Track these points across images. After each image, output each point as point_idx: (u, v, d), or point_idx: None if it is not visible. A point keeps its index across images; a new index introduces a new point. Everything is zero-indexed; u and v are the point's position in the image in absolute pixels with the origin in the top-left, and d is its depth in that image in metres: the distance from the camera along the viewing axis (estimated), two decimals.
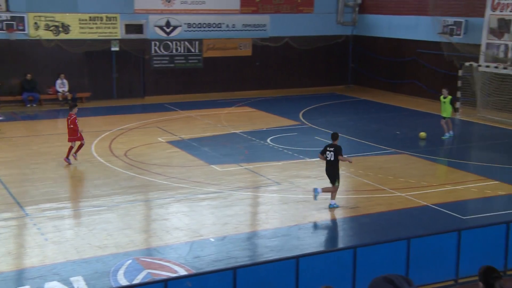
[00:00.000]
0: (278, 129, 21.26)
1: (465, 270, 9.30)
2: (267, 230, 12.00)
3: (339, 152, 12.79)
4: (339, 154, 12.76)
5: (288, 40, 29.98)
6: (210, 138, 19.90)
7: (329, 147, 12.95)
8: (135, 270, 10.05)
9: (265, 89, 29.80)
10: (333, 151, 12.81)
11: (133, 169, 16.17)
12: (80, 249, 10.91)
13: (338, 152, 12.75)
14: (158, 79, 28.15)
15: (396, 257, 9.09)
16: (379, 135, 20.24)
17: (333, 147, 12.87)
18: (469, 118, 23.27)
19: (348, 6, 30.97)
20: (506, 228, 9.72)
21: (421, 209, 13.13)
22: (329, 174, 13.00)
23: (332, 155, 12.80)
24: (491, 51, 23.97)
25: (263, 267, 8.53)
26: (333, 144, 12.96)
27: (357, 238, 11.62)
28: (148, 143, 19.12)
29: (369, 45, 30.76)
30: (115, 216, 12.70)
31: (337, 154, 12.74)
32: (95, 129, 21.07)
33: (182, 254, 10.74)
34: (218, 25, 28.76)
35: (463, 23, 25.15)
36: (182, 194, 14.10)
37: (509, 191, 14.36)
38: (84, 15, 26.17)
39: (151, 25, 27.46)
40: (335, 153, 12.77)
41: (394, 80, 29.41)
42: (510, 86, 22.56)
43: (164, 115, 23.90)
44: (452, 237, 9.43)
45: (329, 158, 12.86)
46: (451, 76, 25.34)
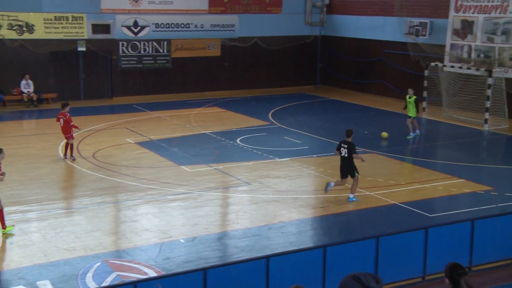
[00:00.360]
0: (247, 129, 21.28)
1: (432, 267, 9.46)
2: (237, 231, 12.00)
3: (353, 150, 13.42)
4: (353, 152, 13.39)
5: (257, 40, 30.04)
6: (179, 138, 19.80)
7: (343, 143, 13.53)
8: (104, 272, 9.93)
9: (234, 89, 29.80)
10: (347, 148, 13.39)
11: (102, 170, 15.98)
12: (47, 252, 10.73)
13: (352, 150, 13.38)
14: (126, 79, 27.88)
15: (365, 256, 9.18)
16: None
17: (347, 144, 13.45)
18: (435, 118, 23.68)
19: (316, 7, 31.19)
20: (471, 225, 9.92)
21: (389, 207, 13.31)
22: (345, 169, 13.57)
23: (346, 152, 13.41)
24: (455, 51, 24.44)
25: (233, 267, 8.52)
26: (347, 141, 13.51)
27: (327, 237, 11.71)
28: (116, 144, 18.92)
29: (337, 45, 31.03)
30: (83, 218, 12.53)
31: (351, 151, 13.36)
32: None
33: (151, 255, 10.66)
34: (186, 25, 28.63)
35: (428, 24, 25.58)
36: (152, 195, 14.00)
37: (474, 189, 14.67)
38: (49, 15, 25.74)
39: (118, 25, 27.18)
40: (348, 150, 13.37)
41: (362, 80, 29.74)
42: (474, 86, 23.04)
43: (132, 116, 23.68)
44: (420, 235, 9.58)
45: (343, 155, 13.49)
46: (418, 76, 25.75)
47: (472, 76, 23.16)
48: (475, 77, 22.98)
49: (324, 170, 16.10)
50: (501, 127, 21.78)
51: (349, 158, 13.45)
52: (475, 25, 23.63)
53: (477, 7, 23.56)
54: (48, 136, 19.98)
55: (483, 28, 23.39)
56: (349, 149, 13.38)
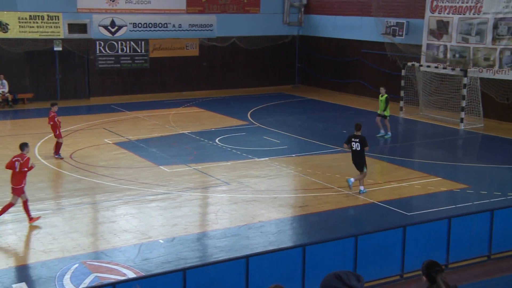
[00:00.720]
0: (226, 129, 21.27)
1: (410, 265, 9.56)
2: (216, 231, 11.98)
3: (366, 144, 13.88)
4: (365, 145, 13.85)
5: (235, 40, 30.03)
6: (158, 139, 19.70)
7: (354, 138, 13.91)
8: (82, 274, 9.84)
9: (212, 89, 29.76)
10: (359, 142, 13.83)
11: (79, 171, 15.82)
12: (24, 254, 10.59)
13: (364, 144, 13.84)
14: (103, 79, 27.64)
15: (344, 254, 9.25)
16: (326, 134, 20.54)
17: (358, 138, 13.90)
18: (412, 117, 23.93)
19: (294, 7, 31.29)
20: (448, 223, 10.05)
21: (368, 206, 13.41)
22: (357, 162, 13.97)
23: (358, 146, 13.83)
24: (431, 51, 24.74)
25: (213, 267, 8.51)
26: (358, 135, 13.95)
27: (306, 236, 11.75)
28: (94, 144, 18.76)
29: (315, 45, 31.17)
30: (60, 219, 12.39)
31: (363, 145, 13.80)
32: (39, 131, 20.52)
33: (130, 256, 10.59)
34: (164, 25, 28.49)
35: (404, 24, 25.83)
36: (130, 196, 13.91)
37: (451, 187, 14.86)
38: (23, 14, 25.41)
39: (95, 24, 26.94)
40: (361, 144, 13.80)
41: (339, 79, 29.91)
42: (449, 85, 23.34)
43: (110, 116, 23.50)
44: (398, 233, 9.68)
45: (355, 148, 13.88)
46: (395, 76, 26.00)
47: (447, 76, 23.47)
48: (451, 77, 23.29)
49: (303, 170, 16.16)
50: (476, 126, 22.10)
51: (361, 152, 13.87)
52: (450, 26, 23.95)
53: (452, 8, 23.88)
54: (24, 137, 19.68)
55: (458, 29, 23.71)
56: (361, 143, 13.83)
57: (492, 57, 22.61)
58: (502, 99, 22.46)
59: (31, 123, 22.45)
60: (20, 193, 11.92)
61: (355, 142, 13.88)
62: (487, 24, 22.67)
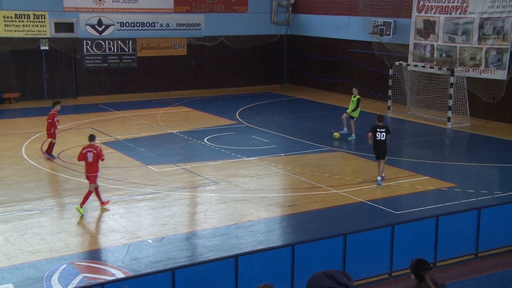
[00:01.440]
0: (215, 128, 21.24)
1: (398, 264, 9.61)
2: (205, 230, 11.97)
3: (390, 132, 14.91)
4: (389, 133, 14.87)
5: (223, 39, 30.00)
6: (146, 138, 19.63)
7: (379, 128, 14.74)
8: (70, 274, 9.79)
9: (201, 89, 29.71)
10: (385, 132, 14.67)
11: (67, 171, 15.73)
12: (11, 255, 10.52)
13: (389, 131, 14.85)
14: (91, 79, 27.50)
15: (333, 253, 9.28)
16: (314, 133, 20.59)
17: (384, 128, 14.78)
18: (400, 116, 24.05)
19: (282, 6, 31.32)
20: (435, 221, 10.12)
21: (357, 205, 13.47)
22: (382, 151, 14.73)
23: (384, 135, 14.64)
24: (418, 51, 24.89)
25: (202, 267, 8.50)
26: (383, 125, 14.90)
27: (295, 236, 11.77)
28: (82, 144, 18.56)
29: (303, 45, 31.23)
30: (48, 219, 12.32)
31: (388, 133, 14.76)
32: (25, 130, 20.38)
33: (119, 256, 10.55)
34: (152, 24, 28.40)
35: (392, 23, 25.95)
36: (119, 196, 13.85)
37: (438, 186, 14.96)
38: (9, 12, 25.20)
39: (82, 23, 26.78)
40: (386, 133, 14.68)
41: (328, 79, 29.99)
42: (436, 84, 23.49)
43: (98, 115, 23.38)
44: (386, 232, 9.72)
45: (380, 138, 14.66)
46: (383, 75, 26.13)
47: (435, 75, 23.62)
48: (438, 76, 23.44)
49: (291, 169, 16.19)
50: (463, 125, 22.27)
51: (385, 141, 14.68)
52: (437, 25, 24.11)
53: (438, 8, 24.04)
54: (11, 137, 19.58)
55: (444, 28, 23.88)
56: (387, 132, 14.71)
57: (478, 57, 22.79)
58: (488, 98, 22.65)
59: (18, 122, 22.28)
60: (95, 180, 12.69)
61: (380, 132, 14.69)
62: (473, 23, 22.85)
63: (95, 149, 12.66)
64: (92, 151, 12.63)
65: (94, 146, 12.74)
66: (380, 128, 14.78)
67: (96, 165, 12.68)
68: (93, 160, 12.62)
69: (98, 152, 12.63)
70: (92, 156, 12.60)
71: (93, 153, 12.61)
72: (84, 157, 12.67)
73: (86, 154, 12.64)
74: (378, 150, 14.81)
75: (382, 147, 14.76)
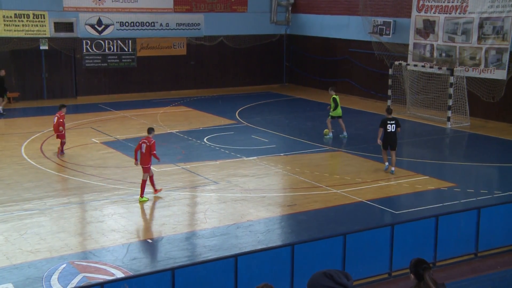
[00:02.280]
0: (214, 128, 21.24)
1: (398, 263, 9.61)
2: (205, 230, 11.97)
3: (399, 124, 15.78)
4: (399, 125, 15.73)
5: (223, 39, 30.00)
6: None
7: (389, 120, 15.56)
8: (70, 274, 9.79)
9: (200, 88, 29.70)
10: (395, 124, 15.54)
11: (67, 171, 15.73)
12: (10, 255, 10.52)
13: (399, 124, 15.72)
14: (90, 78, 27.49)
15: (333, 253, 9.28)
16: (314, 133, 20.58)
17: (394, 120, 15.63)
18: (400, 116, 23.96)
19: (281, 6, 31.32)
20: (435, 221, 10.12)
21: (356, 205, 13.47)
22: (393, 141, 15.56)
23: (394, 127, 15.51)
24: (418, 50, 24.89)
25: (201, 266, 8.50)
26: (392, 117, 15.70)
27: (295, 235, 11.77)
28: (82, 144, 18.65)
29: (303, 44, 31.23)
30: (48, 219, 12.31)
31: (398, 125, 15.61)
32: (25, 130, 20.38)
33: (119, 256, 10.55)
34: (151, 24, 28.40)
35: (391, 23, 25.95)
36: (118, 196, 13.85)
37: (438, 185, 14.96)
38: (8, 12, 25.18)
39: (81, 23, 26.77)
40: (396, 125, 15.55)
41: (327, 78, 29.97)
42: (436, 84, 23.49)
43: (97, 115, 23.38)
44: (386, 232, 9.73)
45: (390, 130, 15.48)
46: (382, 75, 26.13)
47: (434, 75, 23.61)
48: (438, 76, 23.44)
49: (291, 169, 16.18)
50: (463, 124, 22.27)
51: (395, 132, 15.52)
52: (437, 25, 24.11)
53: (438, 7, 24.04)
54: (10, 136, 19.58)
55: (444, 28, 23.88)
56: (397, 124, 15.58)
57: (478, 56, 22.79)
58: (488, 98, 22.65)
59: (18, 122, 22.28)
60: (148, 171, 13.27)
61: (390, 124, 15.52)
62: (472, 23, 22.85)
63: (149, 142, 13.19)
64: (146, 143, 13.20)
65: (149, 139, 13.27)
66: (390, 120, 15.58)
67: (148, 156, 13.20)
68: (146, 151, 13.16)
69: (151, 145, 13.14)
70: (145, 147, 13.16)
71: (147, 145, 13.16)
72: (139, 147, 13.34)
73: (140, 145, 13.30)
74: (390, 141, 15.58)
75: (393, 138, 15.57)
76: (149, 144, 13.18)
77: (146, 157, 13.23)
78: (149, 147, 13.15)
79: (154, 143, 13.31)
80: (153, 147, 13.20)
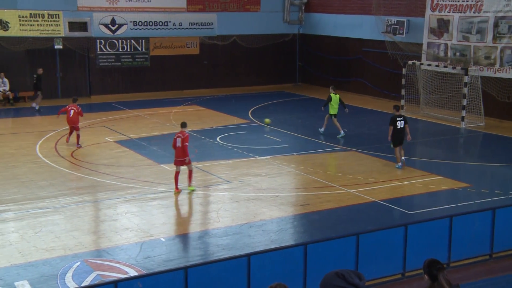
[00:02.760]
0: (227, 127, 21.27)
1: (412, 264, 9.55)
2: (218, 229, 11.99)
3: (407, 121, 16.35)
4: (407, 122, 16.27)
5: (235, 38, 30.02)
6: (159, 137, 19.70)
7: (398, 117, 16.13)
8: (84, 272, 9.85)
9: (213, 88, 29.75)
10: (404, 120, 16.12)
11: (81, 169, 15.83)
12: (26, 252, 10.61)
13: (407, 121, 16.29)
14: (104, 78, 27.65)
15: (346, 253, 9.24)
16: (327, 133, 20.52)
17: (402, 117, 16.26)
18: (413, 115, 23.91)
19: (294, 5, 31.28)
20: (449, 221, 10.05)
21: (369, 205, 13.41)
22: (401, 138, 16.10)
23: (403, 123, 16.08)
24: (432, 50, 24.73)
25: (214, 265, 8.51)
26: (400, 114, 16.39)
27: (308, 235, 11.75)
28: (95, 143, 18.76)
29: (316, 44, 31.16)
30: (62, 217, 12.41)
31: (406, 121, 16.21)
32: (39, 129, 20.55)
33: (132, 254, 10.60)
34: (164, 23, 28.49)
35: (405, 22, 25.81)
36: (132, 194, 13.92)
37: (452, 185, 14.86)
38: (24, 12, 25.40)
39: (95, 23, 26.93)
40: (405, 122, 16.13)
41: (340, 78, 29.89)
42: (450, 84, 23.33)
43: (111, 114, 23.50)
44: (399, 232, 9.67)
45: (400, 126, 16.05)
46: (396, 74, 25.99)
47: (448, 74, 23.45)
48: (452, 75, 23.27)
49: (304, 168, 16.16)
50: (477, 124, 22.10)
51: (404, 128, 16.07)
52: (451, 24, 23.94)
53: (452, 6, 23.86)
54: (25, 135, 19.75)
55: (458, 27, 23.70)
56: (405, 120, 16.15)
57: (493, 56, 22.60)
58: (503, 97, 22.45)
59: (32, 121, 22.47)
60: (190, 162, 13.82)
61: (399, 120, 16.05)
62: (487, 22, 22.66)
63: (183, 135, 13.61)
64: (180, 137, 13.60)
65: (183, 133, 13.70)
66: (398, 117, 16.14)
67: (183, 150, 13.56)
68: (181, 145, 13.54)
69: (184, 138, 13.54)
70: (180, 141, 13.55)
71: (181, 138, 13.56)
72: (175, 142, 13.72)
73: (176, 140, 13.70)
74: (400, 137, 16.08)
75: (402, 134, 16.10)
76: (183, 137, 13.60)
77: (182, 151, 13.62)
78: (183, 139, 13.55)
79: (187, 136, 13.75)
80: (186, 139, 13.59)
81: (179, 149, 13.62)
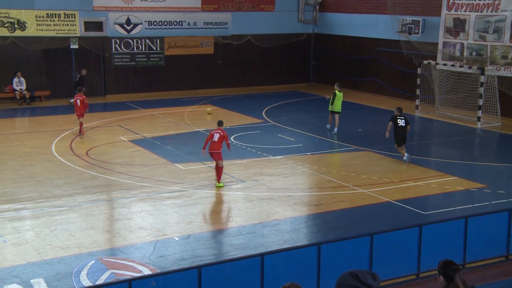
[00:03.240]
0: (241, 127, 21.28)
1: (426, 265, 9.49)
2: (231, 228, 12.00)
3: (409, 123, 16.97)
4: (409, 123, 16.89)
5: (250, 38, 30.03)
6: (173, 136, 19.77)
7: (399, 117, 16.78)
8: (98, 270, 9.92)
9: (227, 87, 29.79)
10: (404, 120, 16.75)
11: (95, 168, 15.94)
12: (41, 250, 10.70)
13: (408, 122, 16.87)
14: (119, 77, 27.80)
15: (360, 253, 9.20)
16: (341, 133, 20.46)
17: (403, 117, 16.87)
18: (428, 115, 23.77)
19: (309, 4, 31.21)
20: (464, 222, 9.96)
21: (383, 205, 13.35)
22: (403, 136, 16.63)
23: (404, 122, 16.70)
24: (448, 49, 24.54)
25: (228, 265, 8.52)
26: (402, 114, 16.97)
27: (321, 235, 11.73)
28: (110, 142, 18.87)
29: (330, 43, 31.07)
30: (77, 216, 12.50)
31: (407, 122, 16.80)
32: (55, 128, 20.71)
33: (146, 253, 10.65)
34: (179, 23, 28.58)
35: (420, 22, 25.65)
36: (146, 193, 13.98)
37: (467, 186, 14.73)
38: (40, 12, 25.62)
39: (111, 22, 27.09)
40: (406, 121, 16.75)
41: (355, 77, 29.79)
42: (466, 84, 23.13)
43: (126, 113, 23.62)
44: (414, 232, 9.61)
45: (401, 124, 16.66)
46: (411, 74, 25.83)
47: (464, 74, 23.26)
48: (468, 75, 23.08)
49: (318, 168, 16.12)
50: (493, 124, 21.89)
51: (406, 127, 16.59)
52: (467, 23, 23.73)
53: (469, 5, 23.66)
54: (41, 134, 19.92)
55: (475, 26, 23.50)
56: (406, 120, 16.76)
57: (510, 55, 22.37)
58: None
59: (49, 120, 22.65)
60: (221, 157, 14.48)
61: (400, 119, 16.67)
62: (505, 21, 22.43)
63: (223, 132, 14.49)
64: (219, 133, 14.43)
65: (221, 130, 14.59)
66: (400, 116, 16.73)
67: (219, 144, 14.37)
68: (218, 140, 14.35)
69: (224, 135, 14.46)
70: (218, 136, 14.37)
71: (220, 134, 14.40)
72: (211, 137, 14.44)
73: (213, 135, 14.44)
74: (403, 135, 16.57)
75: (403, 133, 16.58)
76: (223, 134, 14.44)
77: (217, 145, 14.38)
78: (223, 136, 14.40)
79: (227, 134, 14.76)
80: (226, 136, 14.53)
81: (214, 143, 14.37)
